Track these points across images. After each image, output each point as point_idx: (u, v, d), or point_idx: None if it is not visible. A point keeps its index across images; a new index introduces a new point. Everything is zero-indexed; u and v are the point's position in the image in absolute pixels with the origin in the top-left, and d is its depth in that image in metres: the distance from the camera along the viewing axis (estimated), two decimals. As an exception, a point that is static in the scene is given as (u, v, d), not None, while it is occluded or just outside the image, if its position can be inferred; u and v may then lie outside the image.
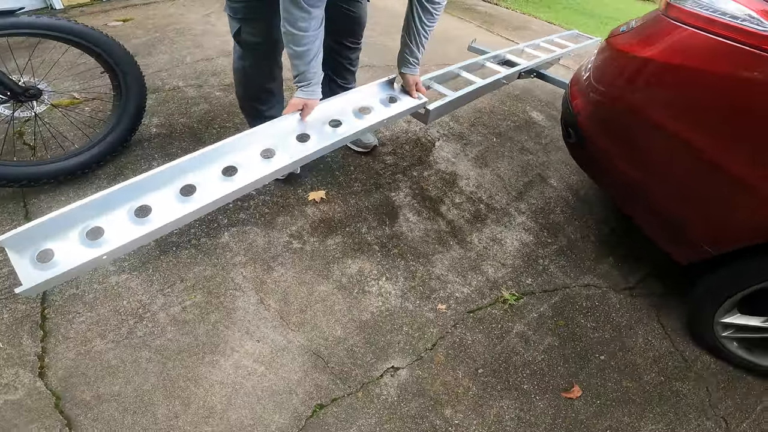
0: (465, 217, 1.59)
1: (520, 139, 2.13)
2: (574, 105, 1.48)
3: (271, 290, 1.27)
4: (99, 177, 1.59)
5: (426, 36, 1.33)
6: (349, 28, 1.53)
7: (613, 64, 1.31)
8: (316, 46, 1.10)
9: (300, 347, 1.15)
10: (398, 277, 1.36)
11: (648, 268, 1.54)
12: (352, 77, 1.71)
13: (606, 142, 1.32)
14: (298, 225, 1.45)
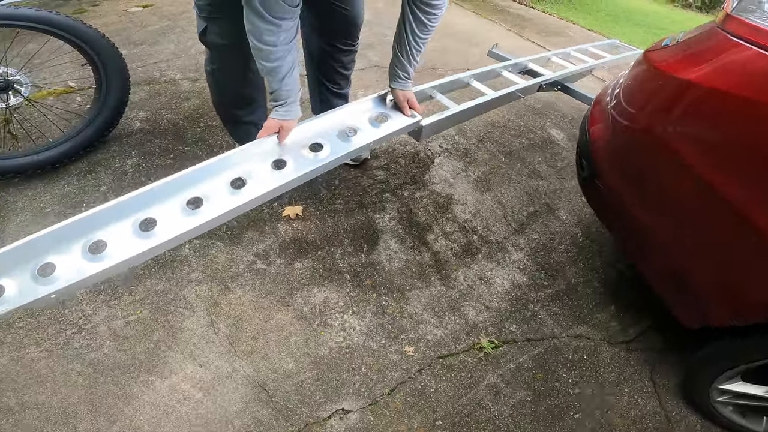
0: (453, 250, 1.54)
1: (533, 161, 2.06)
2: (592, 131, 1.40)
3: (224, 313, 1.28)
4: (70, 173, 1.63)
5: (419, 49, 1.28)
6: (343, 28, 1.49)
7: (645, 83, 1.18)
8: (289, 62, 1.07)
9: (245, 377, 1.16)
10: (366, 311, 1.35)
11: (652, 319, 1.49)
12: (345, 82, 1.69)
13: (620, 179, 1.23)
14: (266, 243, 1.44)
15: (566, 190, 1.96)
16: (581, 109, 2.70)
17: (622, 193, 1.23)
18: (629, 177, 1.20)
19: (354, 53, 1.61)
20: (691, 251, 1.07)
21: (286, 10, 0.98)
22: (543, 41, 3.56)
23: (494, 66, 1.95)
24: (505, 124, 2.36)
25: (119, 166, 1.69)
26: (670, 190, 1.06)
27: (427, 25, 1.23)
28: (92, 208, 0.94)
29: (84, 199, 1.55)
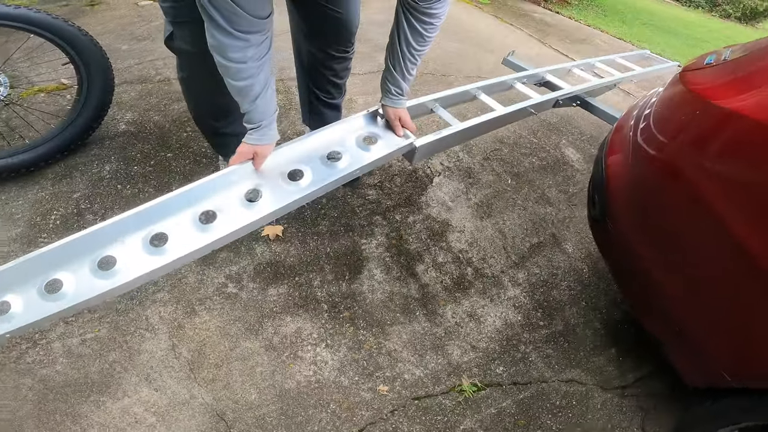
0: (444, 283, 1.49)
1: (543, 184, 2.01)
2: (610, 162, 1.29)
3: (187, 337, 1.27)
4: (46, 176, 1.64)
5: (414, 62, 1.22)
6: (335, 33, 1.43)
7: (679, 110, 1.06)
8: (262, 80, 1.01)
9: (203, 405, 1.15)
10: (341, 345, 1.33)
11: (653, 364, 1.44)
12: (337, 92, 1.66)
13: (636, 225, 1.13)
14: (240, 265, 1.42)
15: (576, 219, 1.89)
16: (602, 126, 2.59)
17: (637, 241, 1.13)
18: (648, 223, 1.09)
19: (348, 61, 1.57)
20: (714, 317, 0.99)
21: (254, 23, 0.90)
22: (566, 49, 3.47)
23: (506, 77, 1.86)
24: (516, 141, 2.28)
25: (96, 171, 1.68)
26: (698, 245, 0.95)
27: (425, 36, 1.16)
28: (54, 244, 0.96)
29: (56, 206, 1.54)
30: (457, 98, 1.68)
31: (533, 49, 3.35)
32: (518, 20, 3.83)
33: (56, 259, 0.96)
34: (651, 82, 3.39)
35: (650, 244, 1.10)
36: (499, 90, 1.90)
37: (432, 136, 1.37)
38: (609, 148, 1.34)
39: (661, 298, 1.10)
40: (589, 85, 1.99)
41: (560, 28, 3.89)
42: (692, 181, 0.93)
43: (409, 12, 1.11)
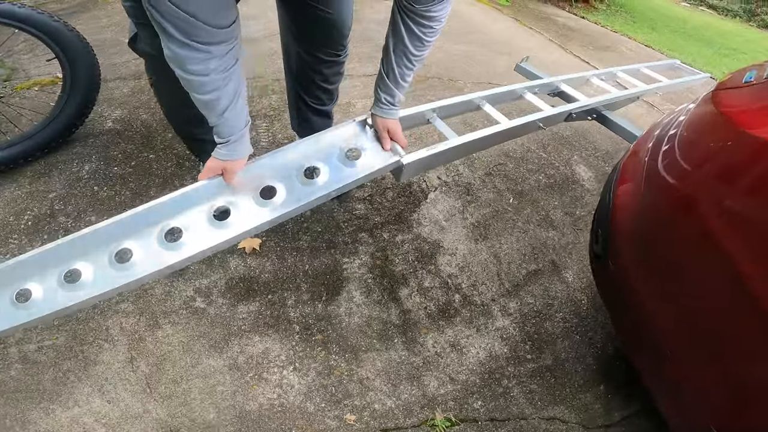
0: (428, 310, 1.48)
1: (547, 205, 1.98)
2: (619, 192, 1.20)
3: (147, 351, 1.29)
4: (25, 174, 1.69)
5: (411, 68, 1.18)
6: (325, 35, 1.40)
7: (707, 136, 0.97)
8: (229, 92, 0.98)
9: (156, 420, 1.17)
10: (310, 369, 1.32)
11: (641, 403, 1.40)
12: (328, 97, 1.64)
13: (643, 269, 1.04)
14: (211, 279, 1.44)
15: (580, 245, 1.86)
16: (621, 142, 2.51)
17: (643, 287, 1.03)
18: (655, 266, 1.00)
19: (340, 65, 1.54)
20: (712, 368, 0.92)
21: (215, 33, 0.85)
22: (588, 56, 3.40)
23: (515, 86, 1.80)
24: (523, 155, 2.23)
25: (75, 170, 1.70)
26: (712, 294, 0.86)
27: (423, 40, 1.11)
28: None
29: (30, 206, 1.56)
30: (458, 108, 1.63)
31: (552, 55, 3.28)
32: (539, 24, 3.77)
33: (26, 271, 1.01)
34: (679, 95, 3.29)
35: (655, 291, 1.01)
36: (507, 100, 1.84)
37: (422, 152, 1.32)
38: (620, 175, 1.24)
39: (661, 347, 1.04)
40: (608, 97, 1.92)
41: (584, 34, 3.81)
42: (713, 221, 0.83)
43: (405, 14, 1.07)
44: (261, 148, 1.93)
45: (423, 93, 2.51)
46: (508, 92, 1.76)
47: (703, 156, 0.94)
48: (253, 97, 2.26)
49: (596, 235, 1.28)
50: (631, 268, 1.08)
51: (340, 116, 2.22)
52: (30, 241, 1.45)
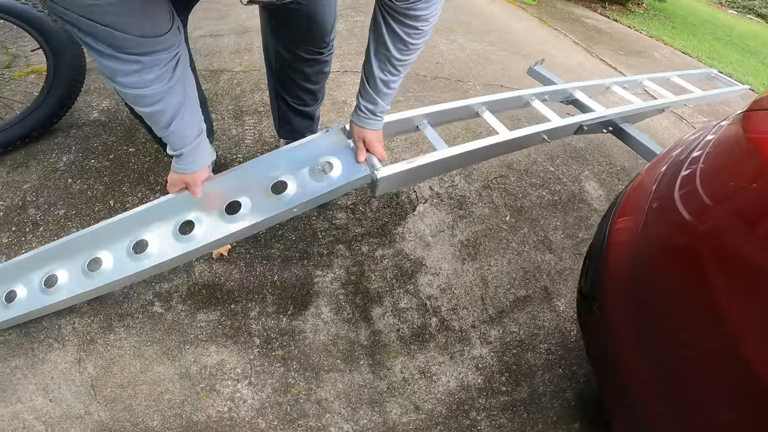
0: (400, 332, 1.49)
1: (547, 225, 1.97)
2: (617, 225, 1.09)
3: (97, 353, 1.33)
4: (4, 163, 1.83)
5: (395, 74, 1.13)
6: (304, 31, 1.37)
7: (730, 169, 0.86)
8: (174, 103, 0.96)
9: (97, 423, 1.21)
10: (266, 385, 1.34)
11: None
12: (310, 98, 1.64)
13: (634, 319, 0.94)
14: (173, 283, 1.49)
15: (578, 272, 1.83)
16: (636, 159, 2.43)
17: (628, 344, 0.92)
18: (648, 319, 0.89)
19: (323, 63, 1.53)
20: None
21: (146, 43, 0.81)
22: (616, 61, 3.31)
23: (521, 92, 1.75)
24: (527, 168, 2.19)
25: (53, 162, 1.75)
26: (717, 360, 0.75)
27: (407, 43, 1.05)
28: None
29: (4, 196, 1.63)
30: (452, 114, 1.60)
31: (574, 58, 3.21)
32: (565, 25, 3.70)
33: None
34: (714, 108, 3.16)
35: (643, 352, 0.90)
36: (511, 107, 1.79)
37: (400, 165, 1.30)
38: (622, 203, 1.12)
39: (644, 409, 0.97)
40: (628, 108, 1.85)
41: (614, 37, 3.71)
42: (719, 277, 0.73)
43: (386, 12, 1.00)
44: (245, 146, 1.96)
45: (424, 93, 2.49)
46: (512, 98, 1.70)
47: (720, 193, 0.81)
48: (245, 91, 2.28)
49: (586, 272, 1.21)
50: (616, 317, 0.98)
51: (333, 115, 2.23)
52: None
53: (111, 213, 1.60)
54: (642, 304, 0.92)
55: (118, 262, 1.20)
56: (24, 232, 1.52)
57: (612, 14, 4.14)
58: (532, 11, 3.80)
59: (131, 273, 1.18)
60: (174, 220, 1.22)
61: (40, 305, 1.20)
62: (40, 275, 1.22)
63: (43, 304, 1.20)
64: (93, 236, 1.20)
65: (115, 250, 1.21)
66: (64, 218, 1.57)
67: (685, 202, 0.87)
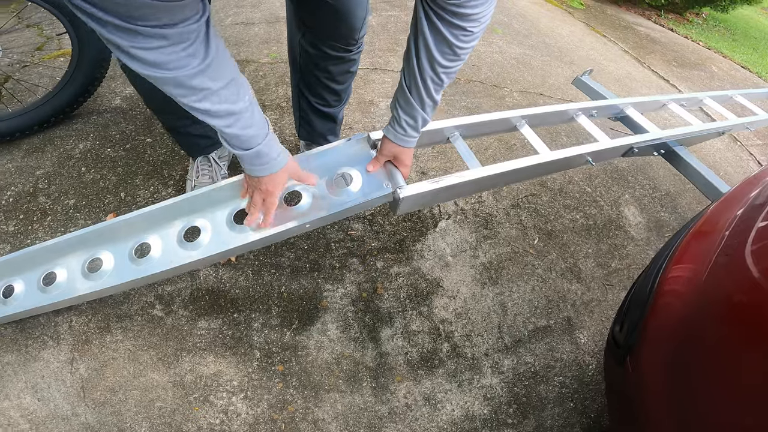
0: (408, 356, 1.47)
1: (578, 252, 1.91)
2: (672, 273, 1.01)
3: (91, 354, 1.34)
4: (20, 147, 1.84)
5: (439, 83, 1.02)
6: (330, 26, 1.31)
7: None
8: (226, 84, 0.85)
9: (83, 425, 1.23)
10: (262, 401, 1.33)
11: None
12: (334, 99, 1.60)
13: (675, 381, 0.88)
14: (177, 286, 1.51)
15: (605, 304, 1.78)
16: (684, 184, 2.32)
17: (667, 409, 0.86)
18: (699, 389, 0.81)
19: (350, 62, 1.48)
20: None
21: (163, 8, 0.67)
22: (669, 74, 3.19)
23: (566, 106, 1.65)
24: (562, 187, 2.12)
25: (69, 148, 1.78)
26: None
27: (454, 47, 0.94)
28: None
29: (16, 181, 1.65)
30: (488, 127, 1.53)
31: (623, 69, 3.10)
32: (615, 32, 3.58)
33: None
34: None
35: (684, 417, 0.83)
36: (554, 122, 1.72)
37: (426, 184, 1.21)
38: (680, 249, 1.03)
39: None
40: (687, 130, 1.74)
41: (668, 47, 3.58)
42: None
43: (431, 10, 0.89)
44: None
45: (456, 97, 2.45)
46: (555, 113, 1.61)
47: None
48: (269, 84, 2.28)
49: (623, 320, 1.12)
50: (654, 375, 0.91)
51: (358, 115, 2.20)
52: (5, 219, 1.53)
53: (121, 206, 1.63)
54: (690, 367, 0.85)
55: (118, 265, 1.20)
56: (31, 221, 1.55)
57: (668, 23, 4.00)
58: (579, 16, 3.70)
59: (130, 279, 1.17)
60: (180, 225, 1.22)
61: (36, 304, 1.21)
62: (40, 272, 1.23)
63: (40, 303, 1.21)
64: (95, 235, 1.20)
65: (117, 252, 1.22)
66: (73, 209, 1.60)
67: (763, 260, 0.80)
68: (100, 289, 1.19)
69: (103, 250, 1.22)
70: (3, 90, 1.97)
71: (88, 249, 1.23)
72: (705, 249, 0.97)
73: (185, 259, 1.18)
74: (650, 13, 4.16)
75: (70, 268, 1.23)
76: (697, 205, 2.25)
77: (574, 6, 3.78)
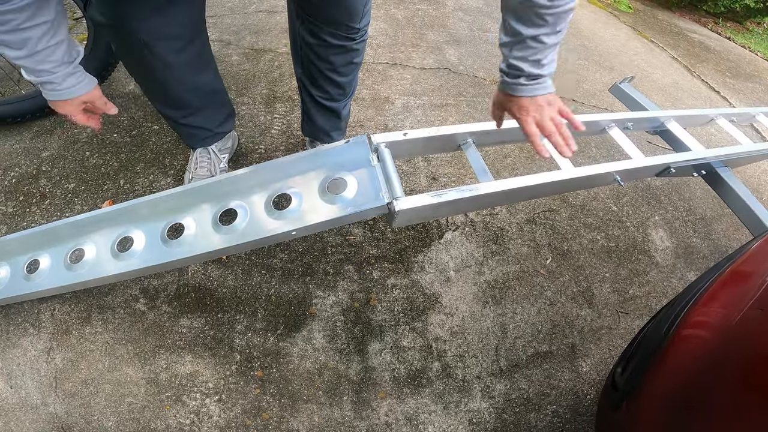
0: (395, 372, 1.47)
1: (594, 275, 1.83)
2: (696, 315, 0.97)
3: (69, 345, 1.38)
4: (31, 129, 1.92)
5: (543, 25, 0.92)
6: (331, 11, 1.30)
7: None
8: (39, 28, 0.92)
9: (51, 415, 1.27)
10: (236, 405, 1.35)
11: None
12: (338, 92, 1.57)
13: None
14: (163, 281, 1.54)
15: (616, 332, 1.70)
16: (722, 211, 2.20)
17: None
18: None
19: (352, 52, 1.45)
20: None
21: None
22: (721, 85, 3.05)
23: (600, 116, 1.52)
24: (584, 205, 2.05)
25: (76, 132, 1.85)
26: None
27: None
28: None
29: (21, 162, 1.72)
30: (504, 135, 1.41)
31: (669, 77, 2.98)
32: (665, 38, 3.44)
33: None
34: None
35: None
36: (584, 133, 1.61)
37: (426, 197, 1.12)
38: (710, 291, 0.97)
39: None
40: (736, 151, 1.61)
41: (723, 56, 3.42)
42: None
43: None
44: (270, 137, 1.98)
45: (478, 99, 2.41)
46: (584, 123, 1.50)
47: None
48: (283, 75, 2.29)
49: (627, 362, 1.07)
50: (652, 426, 0.88)
51: (372, 112, 2.19)
52: (5, 200, 1.60)
53: (119, 193, 1.67)
54: (696, 421, 0.81)
55: (100, 258, 1.22)
56: (30, 203, 1.61)
57: (725, 31, 3.83)
58: (625, 19, 3.57)
59: (109, 274, 1.19)
60: (164, 221, 1.22)
61: (18, 292, 1.26)
62: (25, 259, 1.27)
63: (22, 291, 1.25)
64: (80, 225, 1.22)
65: (99, 244, 1.24)
66: (72, 193, 1.65)
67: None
68: (80, 281, 1.21)
69: (87, 242, 1.24)
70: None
71: (72, 239, 1.25)
72: (738, 295, 0.91)
73: (166, 257, 1.17)
74: (707, 20, 4.02)
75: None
76: (734, 232, 2.13)
77: (621, 9, 3.65)
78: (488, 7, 3.33)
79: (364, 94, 2.30)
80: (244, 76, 2.29)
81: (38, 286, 1.26)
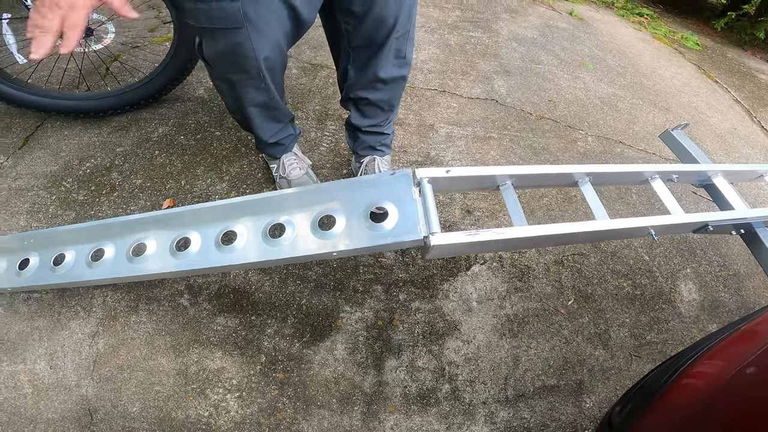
0: (407, 389, 1.58)
1: (614, 320, 1.88)
2: (700, 365, 1.04)
3: (113, 331, 1.53)
4: (109, 124, 2.11)
5: None
6: (358, 28, 1.40)
7: None
8: None
9: (81, 396, 1.41)
10: (254, 403, 1.47)
11: None
12: (380, 117, 1.73)
13: None
14: (206, 280, 1.68)
15: (626, 374, 1.75)
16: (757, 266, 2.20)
17: None
18: None
19: (401, 64, 1.56)
20: None
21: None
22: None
23: (643, 167, 1.49)
24: (616, 251, 2.11)
25: (150, 131, 2.06)
26: None
27: None
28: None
29: (97, 154, 1.93)
30: (544, 180, 1.41)
31: (728, 122, 2.92)
32: (730, 78, 3.36)
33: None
34: None
35: None
36: (624, 182, 1.62)
37: (461, 236, 1.16)
38: (721, 345, 1.02)
39: None
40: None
41: (791, 102, 3.29)
42: None
43: None
44: (318, 153, 2.12)
45: (523, 134, 2.45)
46: (626, 173, 1.42)
47: None
48: (337, 92, 2.40)
49: (626, 402, 1.14)
50: None
51: (415, 139, 2.30)
52: (78, 188, 1.82)
53: (179, 193, 1.85)
54: None
55: (159, 254, 1.31)
56: (100, 194, 1.80)
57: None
58: (691, 57, 3.48)
59: (166, 270, 1.28)
60: (220, 227, 1.31)
61: (80, 278, 1.38)
62: (91, 247, 1.39)
63: (84, 277, 1.38)
64: (145, 222, 1.34)
65: (160, 241, 1.33)
66: (138, 188, 1.84)
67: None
68: (138, 274, 1.33)
69: (149, 238, 1.35)
70: (110, 69, 2.31)
71: (136, 233, 1.37)
72: (741, 352, 0.95)
73: (219, 261, 1.28)
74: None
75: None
76: (765, 290, 2.13)
77: (687, 45, 3.57)
78: (543, 38, 3.35)
79: (410, 120, 2.40)
80: (300, 90, 2.44)
81: (100, 274, 1.37)
